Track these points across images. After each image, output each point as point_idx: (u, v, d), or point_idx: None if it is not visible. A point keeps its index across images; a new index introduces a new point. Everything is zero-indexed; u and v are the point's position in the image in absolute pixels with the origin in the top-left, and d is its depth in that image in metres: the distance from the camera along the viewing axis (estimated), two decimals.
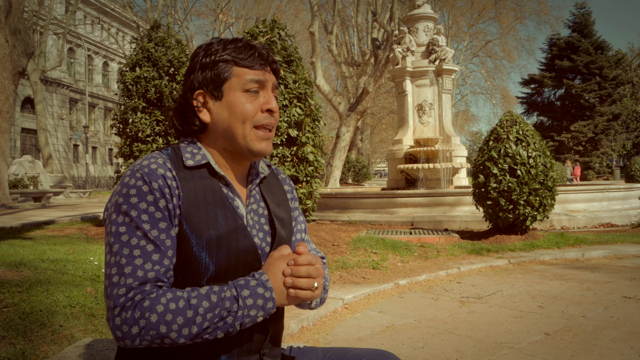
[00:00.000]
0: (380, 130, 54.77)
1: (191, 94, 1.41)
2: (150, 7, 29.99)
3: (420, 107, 15.16)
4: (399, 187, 14.57)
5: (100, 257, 5.30)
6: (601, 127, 38.09)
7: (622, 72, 42.14)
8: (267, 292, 1.23)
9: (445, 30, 32.03)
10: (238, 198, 1.42)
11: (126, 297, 1.17)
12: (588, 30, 40.83)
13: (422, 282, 6.05)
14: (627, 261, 7.20)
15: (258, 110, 1.36)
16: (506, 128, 8.44)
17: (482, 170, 8.43)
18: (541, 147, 8.28)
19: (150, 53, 8.35)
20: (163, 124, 8.27)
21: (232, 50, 1.38)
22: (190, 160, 1.36)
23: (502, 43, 41.28)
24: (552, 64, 40.83)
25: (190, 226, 1.29)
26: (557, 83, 40.52)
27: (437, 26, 15.56)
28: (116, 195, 1.28)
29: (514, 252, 7.70)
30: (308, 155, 7.00)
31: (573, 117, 39.52)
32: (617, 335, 3.99)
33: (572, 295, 5.29)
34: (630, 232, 9.63)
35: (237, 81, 1.36)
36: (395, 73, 15.44)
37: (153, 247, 1.23)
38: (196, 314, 1.16)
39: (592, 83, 38.89)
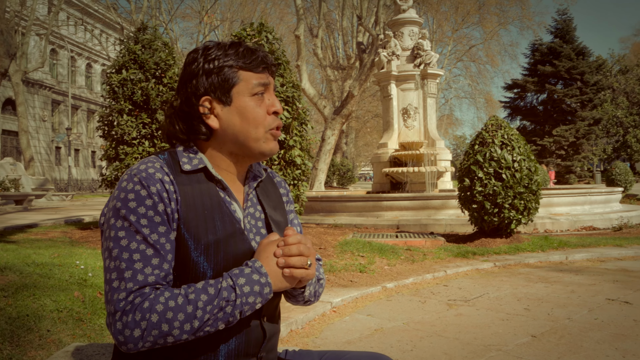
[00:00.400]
0: (365, 134, 54.97)
1: (197, 100, 1.38)
2: (134, 9, 29.81)
3: (405, 111, 15.25)
4: (384, 191, 14.63)
5: (87, 261, 5.25)
6: (582, 131, 38.60)
7: (602, 78, 42.73)
8: (262, 278, 1.24)
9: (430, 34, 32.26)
10: (235, 202, 1.42)
11: (126, 301, 1.17)
12: (570, 36, 41.39)
13: (409, 285, 6.08)
14: (609, 264, 7.31)
15: (266, 114, 1.38)
16: (491, 132, 8.53)
17: (468, 173, 8.51)
18: (526, 151, 8.38)
19: (137, 55, 8.30)
20: (149, 127, 8.22)
21: (234, 54, 1.38)
22: (187, 164, 1.36)
23: (486, 48, 41.76)
24: (534, 69, 41.30)
25: (188, 231, 1.29)
26: (539, 88, 40.98)
27: (422, 31, 15.67)
28: (114, 199, 1.28)
29: (499, 255, 7.77)
30: (295, 158, 7.01)
31: (555, 121, 39.99)
32: (602, 337, 4.05)
33: (557, 297, 5.36)
34: (611, 235, 9.78)
35: (244, 86, 1.37)
36: (381, 77, 15.53)
37: (153, 252, 1.23)
38: (196, 308, 1.17)
39: (573, 88, 39.40)
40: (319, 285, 1.55)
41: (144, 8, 29.36)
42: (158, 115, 8.15)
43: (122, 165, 8.05)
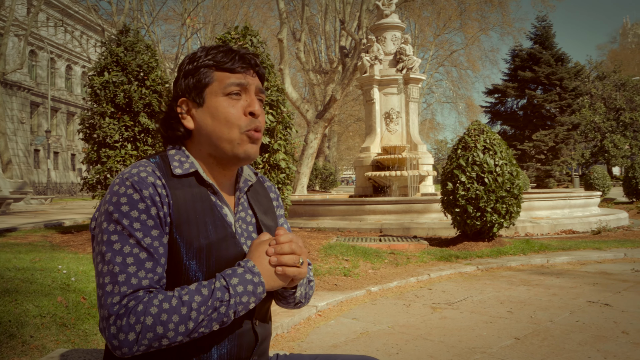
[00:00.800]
0: (347, 138, 55.09)
1: (175, 102, 1.41)
2: (115, 11, 29.53)
3: (388, 115, 15.33)
4: (366, 194, 14.68)
5: (69, 265, 5.19)
6: (561, 136, 39.19)
7: (581, 84, 43.47)
8: (255, 277, 1.24)
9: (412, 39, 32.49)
10: (226, 206, 1.42)
11: (120, 305, 1.17)
12: (549, 42, 42.04)
13: (393, 289, 6.11)
14: (589, 267, 7.42)
15: (241, 114, 1.35)
16: (474, 137, 8.61)
17: (451, 178, 8.58)
18: (507, 156, 8.47)
19: (120, 57, 8.23)
20: (132, 130, 8.14)
21: (213, 55, 1.38)
22: (178, 168, 1.36)
23: (467, 53, 42.17)
24: (514, 74, 41.85)
25: (180, 235, 1.29)
26: (519, 93, 41.54)
27: (404, 35, 15.78)
28: (106, 203, 1.27)
29: (482, 258, 7.85)
30: (280, 162, 7.00)
31: (535, 126, 40.54)
32: (584, 339, 4.11)
33: (539, 300, 5.43)
34: (591, 239, 9.93)
35: (218, 85, 1.36)
36: (363, 81, 15.59)
37: (146, 255, 1.23)
38: (190, 309, 1.17)
39: (552, 94, 40.00)
40: (309, 287, 1.55)
41: (125, 10, 29.11)
42: (141, 118, 8.08)
43: (104, 169, 7.97)
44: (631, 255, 8.11)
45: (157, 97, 8.30)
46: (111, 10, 29.64)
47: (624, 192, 19.18)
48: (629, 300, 5.36)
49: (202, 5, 33.41)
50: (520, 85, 41.31)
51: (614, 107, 46.70)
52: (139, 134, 8.24)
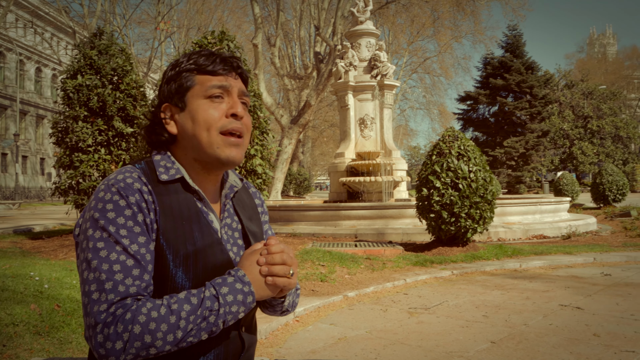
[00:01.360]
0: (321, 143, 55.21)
1: (159, 108, 1.40)
2: (87, 13, 29.10)
3: (362, 121, 15.42)
4: (341, 200, 14.72)
5: (41, 272, 5.08)
6: (532, 143, 39.95)
7: (550, 92, 44.42)
8: (245, 287, 1.23)
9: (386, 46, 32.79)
10: (212, 212, 1.41)
11: (107, 313, 1.15)
12: (519, 50, 42.87)
13: (370, 294, 6.14)
14: (561, 271, 7.57)
15: (222, 116, 1.33)
16: (448, 143, 8.72)
17: (426, 183, 8.67)
18: (481, 162, 8.60)
19: (93, 60, 8.11)
20: (105, 134, 8.03)
21: (195, 59, 1.38)
22: (164, 174, 1.34)
23: (440, 60, 42.69)
24: (486, 81, 42.54)
25: (167, 242, 1.27)
26: (491, 100, 42.22)
27: (379, 42, 15.91)
28: (91, 210, 1.25)
29: (457, 263, 7.94)
30: (257, 167, 6.99)
31: (506, 133, 41.25)
32: (557, 342, 4.19)
33: (513, 304, 5.52)
34: (561, 244, 10.13)
35: (199, 89, 1.35)
36: (338, 87, 15.65)
37: (133, 262, 1.21)
38: (179, 318, 1.15)
39: (523, 101, 40.77)
40: (295, 295, 1.56)
41: (97, 12, 28.70)
42: (115, 122, 7.97)
43: (76, 173, 7.84)
44: (600, 259, 8.30)
45: (131, 101, 8.20)
46: (83, 12, 29.19)
47: (592, 197, 19.61)
48: (600, 304, 5.49)
49: (176, 9, 33.20)
50: (491, 92, 42.00)
51: (582, 115, 47.83)
52: (113, 138, 8.14)
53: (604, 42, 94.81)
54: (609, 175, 18.89)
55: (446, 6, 29.85)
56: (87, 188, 8.04)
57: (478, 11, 30.23)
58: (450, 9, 30.27)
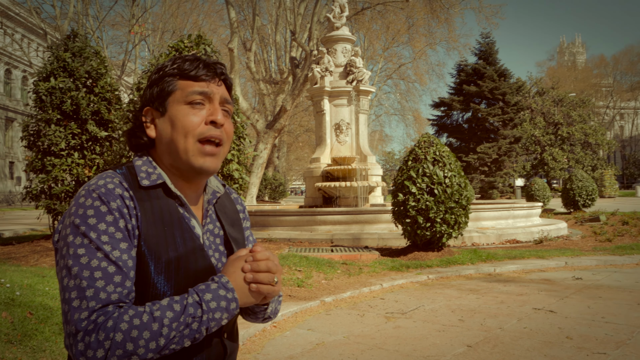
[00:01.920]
0: (296, 148, 55.15)
1: (140, 111, 1.39)
2: (59, 14, 28.61)
3: (338, 126, 15.48)
4: (316, 205, 14.73)
5: (12, 279, 4.96)
6: (504, 149, 40.56)
7: (522, 99, 45.19)
8: (229, 293, 1.22)
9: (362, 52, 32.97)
10: (194, 218, 1.40)
11: (89, 321, 1.13)
12: (492, 58, 43.53)
13: (347, 299, 6.15)
14: (534, 275, 7.70)
15: (201, 123, 1.31)
16: (424, 149, 8.81)
17: (402, 189, 8.73)
18: (456, 168, 8.71)
19: (67, 63, 7.98)
20: (79, 138, 7.90)
21: (179, 64, 1.37)
22: (145, 180, 1.33)
23: (415, 67, 43.09)
24: (460, 88, 43.07)
25: (149, 248, 1.26)
26: (465, 107, 42.75)
27: (354, 48, 16.01)
28: (71, 216, 1.23)
29: (432, 268, 8.01)
30: (233, 172, 6.95)
31: (479, 139, 41.80)
32: (532, 345, 4.26)
33: (488, 308, 5.59)
34: (534, 248, 10.30)
35: (180, 94, 1.33)
36: (314, 92, 15.69)
37: (115, 269, 1.19)
38: (162, 326, 1.13)
39: (496, 108, 41.39)
40: (278, 302, 1.55)
41: (69, 14, 28.23)
42: (89, 125, 7.85)
43: (48, 178, 7.69)
44: (571, 263, 8.46)
45: (106, 105, 8.09)
46: (55, 13, 28.69)
47: (563, 203, 19.99)
48: (572, 307, 5.59)
49: (151, 12, 32.89)
50: (465, 99, 42.54)
51: (553, 121, 48.80)
52: (87, 142, 8.01)
53: (574, 50, 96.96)
54: (579, 181, 19.29)
55: (421, 13, 30.19)
56: (60, 193, 7.89)
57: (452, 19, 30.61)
58: (424, 16, 30.61)
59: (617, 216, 15.98)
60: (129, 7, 30.66)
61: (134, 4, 29.55)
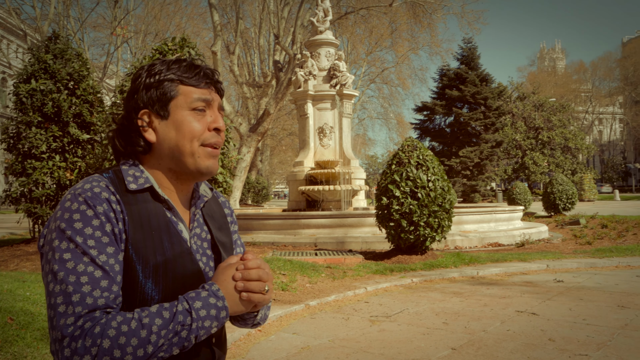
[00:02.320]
0: (279, 152, 55.07)
1: (135, 114, 1.37)
2: (40, 15, 28.26)
3: (321, 130, 15.50)
4: (299, 209, 14.72)
5: None
6: (486, 153, 40.94)
7: (503, 103, 45.70)
8: (219, 302, 1.21)
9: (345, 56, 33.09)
10: (181, 222, 1.39)
11: (75, 326, 1.11)
12: (474, 63, 43.95)
13: (331, 303, 6.15)
14: (516, 278, 7.77)
15: (205, 129, 1.34)
16: (408, 153, 8.85)
17: (385, 192, 8.76)
18: (440, 172, 8.77)
19: (48, 65, 7.88)
20: (60, 140, 7.80)
21: (176, 69, 1.37)
22: (132, 183, 1.32)
23: (398, 71, 43.33)
24: (442, 92, 43.41)
25: (137, 252, 1.25)
26: (447, 111, 43.08)
27: (338, 52, 16.05)
28: (57, 220, 1.21)
29: (416, 271, 8.04)
30: (217, 176, 6.92)
31: (461, 143, 42.14)
32: (515, 347, 4.30)
33: (472, 311, 5.63)
34: (516, 251, 10.40)
35: (183, 100, 1.34)
36: (298, 96, 15.69)
37: (102, 273, 1.18)
38: (150, 333, 1.12)
39: (478, 112, 41.78)
40: (267, 308, 1.55)
41: (50, 15, 27.89)
42: (70, 128, 7.76)
43: (29, 181, 7.58)
44: (553, 266, 8.56)
45: (88, 107, 8.01)
46: (35, 14, 28.33)
47: (544, 206, 20.23)
48: (554, 309, 5.66)
49: (133, 14, 32.64)
50: (447, 103, 42.87)
51: (533, 126, 49.41)
52: (69, 144, 7.92)
53: (554, 56, 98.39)
54: (559, 184, 19.54)
55: (404, 18, 30.39)
56: (41, 196, 7.79)
57: (435, 24, 30.85)
58: (407, 21, 30.83)
59: (596, 219, 16.21)
60: (111, 9, 30.40)
61: (116, 6, 29.31)
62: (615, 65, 75.93)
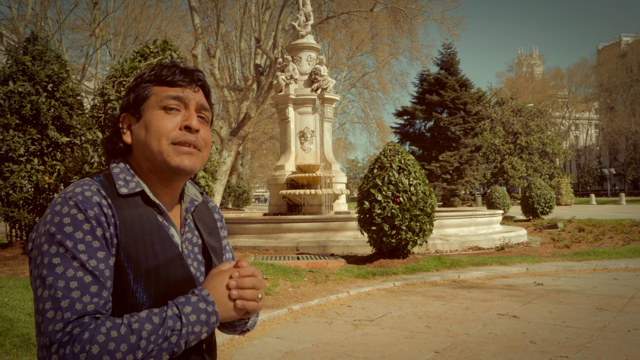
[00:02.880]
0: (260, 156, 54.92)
1: (118, 118, 1.38)
2: (17, 16, 27.83)
3: (303, 134, 15.51)
4: (281, 213, 14.69)
5: None
6: (465, 157, 41.33)
7: (482, 108, 46.24)
8: (209, 307, 1.20)
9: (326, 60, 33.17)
10: (172, 227, 1.38)
11: (64, 332, 1.09)
12: (454, 68, 44.40)
13: (314, 307, 6.15)
14: (497, 281, 7.85)
15: (176, 128, 1.31)
16: (389, 157, 8.90)
17: (367, 196, 8.79)
18: (421, 176, 8.83)
19: (27, 67, 7.76)
20: (39, 143, 7.69)
21: (157, 70, 1.36)
22: (124, 187, 1.30)
23: (378, 76, 43.60)
24: (423, 97, 43.75)
25: (127, 257, 1.23)
26: (427, 115, 43.44)
27: (319, 56, 16.10)
28: (47, 224, 1.20)
29: (398, 275, 8.08)
30: (199, 180, 6.88)
31: (441, 147, 42.50)
32: (497, 350, 4.34)
33: (454, 314, 5.67)
34: (496, 255, 10.51)
35: (155, 99, 1.32)
36: (279, 100, 15.69)
37: (91, 279, 1.16)
38: (140, 338, 1.11)
39: (457, 117, 42.19)
40: (256, 314, 1.55)
41: (27, 16, 27.48)
42: (49, 131, 7.65)
43: (6, 184, 7.44)
44: (532, 269, 8.67)
45: (67, 110, 7.90)
46: (12, 15, 27.89)
47: (522, 210, 20.49)
48: (534, 312, 5.73)
49: (113, 16, 32.33)
50: (427, 108, 43.22)
51: (512, 131, 50.02)
52: (47, 148, 7.80)
53: (531, 62, 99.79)
54: (538, 189, 19.81)
55: (385, 23, 30.59)
56: (18, 200, 7.66)
57: (415, 29, 31.08)
58: (388, 26, 31.04)
59: (573, 223, 16.47)
60: (90, 11, 30.06)
61: (95, 8, 28.99)
62: (590, 72, 77.33)
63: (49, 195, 8.09)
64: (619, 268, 8.89)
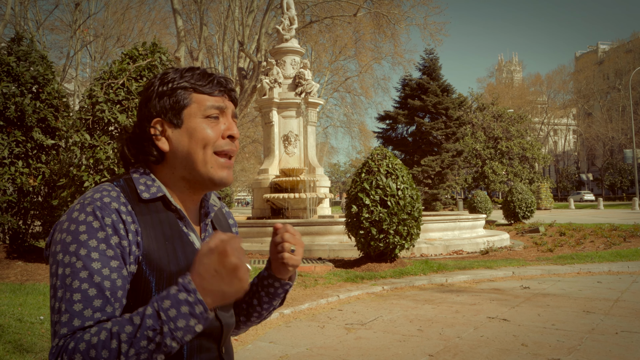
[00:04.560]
0: (242, 159, 54.67)
1: (148, 123, 1.35)
2: None
3: (286, 137, 15.50)
4: (264, 216, 14.65)
5: None
6: (447, 162, 41.65)
7: (464, 114, 46.68)
8: (190, 296, 1.06)
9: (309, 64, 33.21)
10: (192, 232, 1.37)
11: (57, 347, 1.07)
12: (436, 73, 44.74)
13: (305, 311, 6.14)
14: (484, 284, 7.92)
15: (219, 136, 1.33)
16: (377, 161, 8.94)
17: (355, 200, 8.81)
18: (408, 180, 8.88)
19: (11, 67, 7.64)
20: (23, 146, 7.56)
21: (190, 77, 1.36)
22: (145, 192, 1.29)
23: (361, 80, 43.70)
24: (405, 102, 44.00)
25: (150, 264, 1.21)
26: (409, 120, 43.68)
27: (303, 60, 16.12)
28: (63, 232, 1.17)
29: (386, 279, 8.11)
30: None
31: (423, 152, 42.77)
32: (490, 352, 4.38)
33: (445, 318, 5.71)
34: (481, 259, 10.61)
35: (197, 107, 1.33)
36: (263, 103, 15.65)
37: (96, 292, 1.12)
38: (119, 342, 1.04)
39: (439, 122, 42.51)
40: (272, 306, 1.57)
41: (6, 16, 27.06)
42: (34, 133, 7.53)
43: None
44: (518, 273, 8.77)
45: (53, 112, 7.79)
46: None
47: (504, 214, 20.72)
48: (523, 315, 5.79)
49: (94, 17, 31.98)
50: (410, 112, 43.46)
51: (493, 136, 50.62)
52: (32, 150, 7.68)
53: (511, 68, 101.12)
54: (519, 193, 20.05)
55: (367, 28, 30.77)
56: (2, 203, 7.52)
57: (397, 34, 31.38)
58: (371, 31, 31.24)
59: (554, 227, 16.70)
60: (71, 12, 29.72)
61: (77, 9, 28.68)
62: (569, 79, 78.61)
63: (34, 199, 7.97)
64: (602, 271, 9.04)
